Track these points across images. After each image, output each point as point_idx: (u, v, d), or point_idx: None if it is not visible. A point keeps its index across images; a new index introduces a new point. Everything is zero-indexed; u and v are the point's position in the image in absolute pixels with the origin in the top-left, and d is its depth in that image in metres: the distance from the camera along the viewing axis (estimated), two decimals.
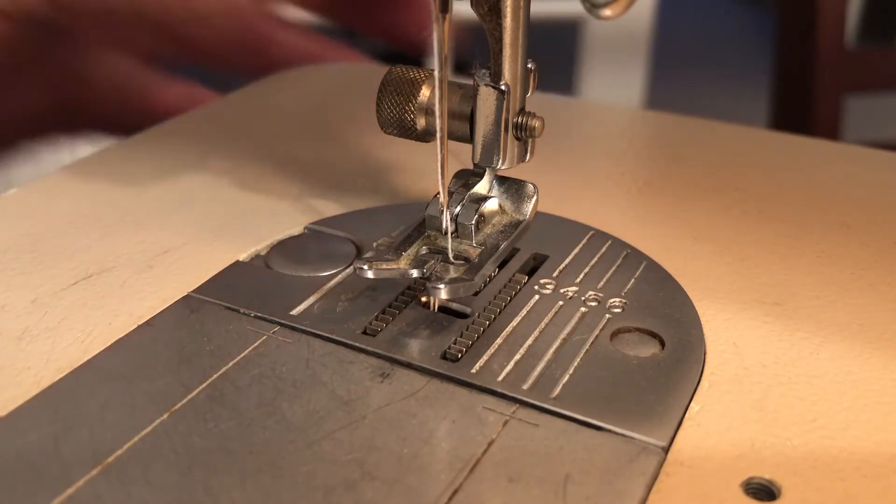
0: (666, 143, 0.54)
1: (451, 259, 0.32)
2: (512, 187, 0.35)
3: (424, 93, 0.34)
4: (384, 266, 0.31)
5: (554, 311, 0.33)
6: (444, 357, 0.30)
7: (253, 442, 0.26)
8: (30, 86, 0.56)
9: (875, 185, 0.46)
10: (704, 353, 0.31)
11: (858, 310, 0.34)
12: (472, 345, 0.31)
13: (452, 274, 0.32)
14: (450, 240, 0.33)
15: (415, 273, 0.31)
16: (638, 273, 0.36)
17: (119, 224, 0.40)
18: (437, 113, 0.30)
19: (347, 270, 0.36)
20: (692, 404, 0.29)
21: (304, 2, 0.62)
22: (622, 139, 0.53)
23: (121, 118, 0.59)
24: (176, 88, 0.60)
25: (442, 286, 0.30)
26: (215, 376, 0.29)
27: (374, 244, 0.33)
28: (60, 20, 0.52)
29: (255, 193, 0.44)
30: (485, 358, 0.30)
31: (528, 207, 0.35)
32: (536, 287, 0.34)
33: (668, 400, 0.28)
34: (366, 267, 0.31)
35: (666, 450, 0.26)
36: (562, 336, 0.31)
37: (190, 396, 0.28)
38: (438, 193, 0.32)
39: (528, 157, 0.35)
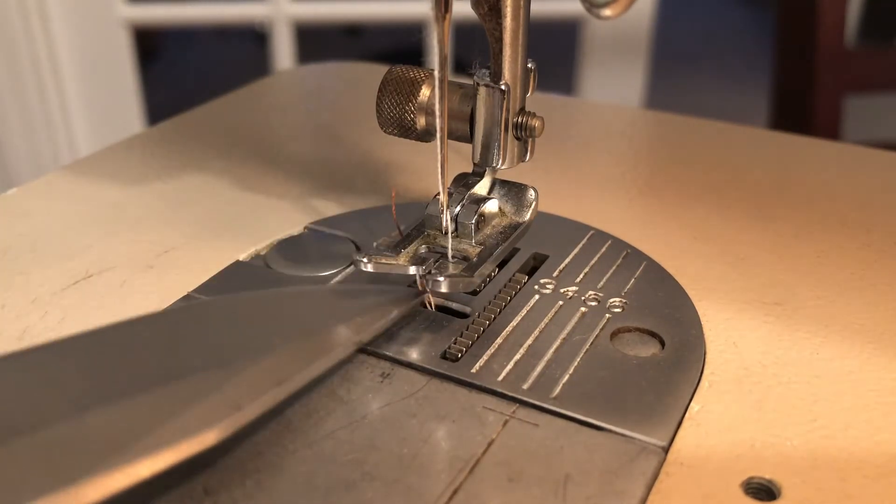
0: (666, 143, 0.54)
1: (451, 257, 0.32)
2: (512, 191, 0.35)
3: (424, 92, 0.34)
4: (383, 261, 0.31)
5: (554, 310, 0.33)
6: (444, 357, 0.30)
7: (253, 442, 0.26)
8: None
9: (875, 185, 0.46)
10: (704, 353, 0.31)
11: (858, 310, 0.34)
12: (472, 345, 0.31)
13: (451, 271, 0.32)
14: (450, 239, 0.33)
15: (413, 270, 0.31)
16: (638, 273, 0.36)
17: (119, 224, 0.40)
18: (437, 113, 0.30)
19: (347, 270, 0.36)
20: (692, 404, 0.29)
21: None
22: (622, 139, 0.53)
23: None
24: None
25: (442, 279, 0.30)
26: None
27: (374, 244, 0.33)
28: None
29: (255, 193, 0.44)
30: (485, 358, 0.30)
31: (528, 213, 0.35)
32: (536, 287, 0.34)
33: (668, 400, 0.28)
34: (365, 260, 0.31)
35: (666, 450, 0.26)
36: (562, 336, 0.31)
37: None
38: (438, 193, 0.32)
39: (527, 157, 0.35)
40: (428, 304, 0.33)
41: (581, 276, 0.35)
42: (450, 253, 0.33)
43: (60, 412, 0.21)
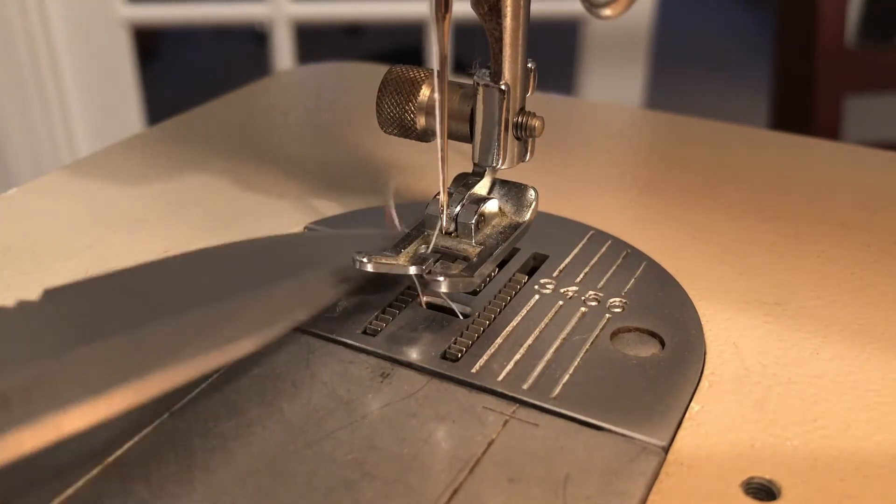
0: (666, 143, 0.53)
1: (431, 250, 0.32)
2: (512, 191, 0.35)
3: (424, 92, 0.34)
4: (383, 260, 0.31)
5: (554, 310, 0.33)
6: (444, 357, 0.30)
7: (253, 442, 0.26)
8: None
9: (875, 185, 0.46)
10: (704, 353, 0.31)
11: (858, 310, 0.34)
12: (472, 345, 0.31)
13: (451, 270, 0.32)
14: (438, 234, 0.33)
15: (413, 269, 0.31)
16: (638, 273, 0.36)
17: (119, 224, 0.40)
18: (437, 113, 0.30)
19: None
20: (692, 404, 0.29)
21: None
22: (622, 139, 0.53)
23: None
24: None
25: (442, 279, 0.30)
26: (215, 376, 0.29)
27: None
28: None
29: (255, 193, 0.43)
30: (485, 358, 0.30)
31: (528, 213, 0.35)
32: (536, 287, 0.34)
33: (668, 400, 0.28)
34: (365, 260, 0.31)
35: (666, 450, 0.26)
36: (562, 336, 0.31)
37: (190, 396, 0.28)
38: (438, 193, 0.32)
39: (527, 157, 0.35)
40: (420, 304, 0.33)
41: (581, 276, 0.35)
42: (431, 245, 0.32)
43: (122, 326, 0.24)
